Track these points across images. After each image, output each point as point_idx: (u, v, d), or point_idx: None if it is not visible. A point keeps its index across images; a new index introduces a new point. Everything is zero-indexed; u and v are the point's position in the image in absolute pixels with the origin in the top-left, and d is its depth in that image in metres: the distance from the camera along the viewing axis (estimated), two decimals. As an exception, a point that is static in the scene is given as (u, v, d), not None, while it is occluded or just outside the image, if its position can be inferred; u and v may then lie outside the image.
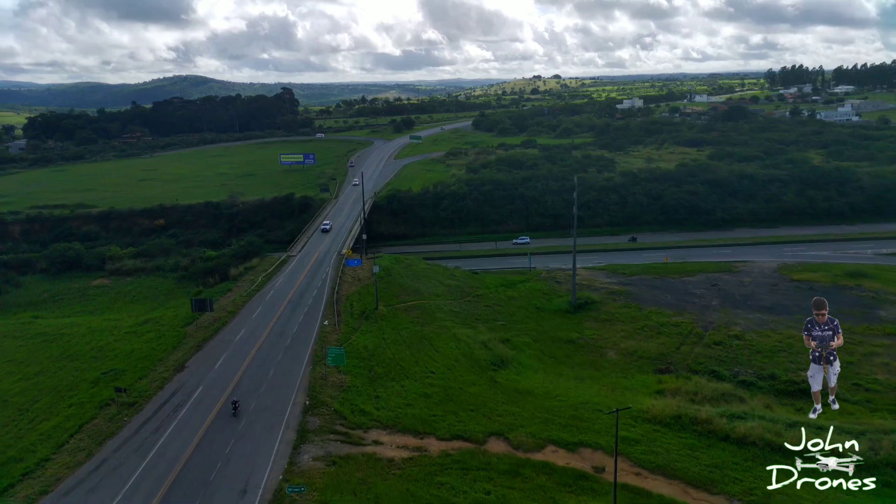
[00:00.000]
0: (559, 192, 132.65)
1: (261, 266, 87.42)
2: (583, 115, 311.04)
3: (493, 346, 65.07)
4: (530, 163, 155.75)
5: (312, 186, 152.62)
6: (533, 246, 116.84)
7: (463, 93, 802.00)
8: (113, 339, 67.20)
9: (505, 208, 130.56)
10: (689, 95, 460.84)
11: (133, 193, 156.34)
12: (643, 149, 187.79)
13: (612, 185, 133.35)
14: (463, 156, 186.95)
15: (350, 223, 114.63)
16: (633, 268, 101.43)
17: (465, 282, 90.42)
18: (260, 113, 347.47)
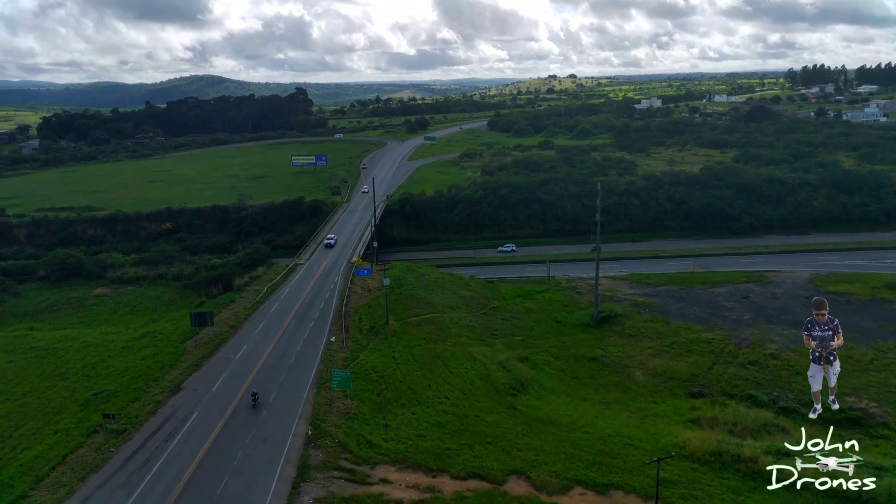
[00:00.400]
0: (578, 197, 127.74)
1: (267, 275, 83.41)
2: (600, 115, 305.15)
3: (512, 366, 60.48)
4: (548, 165, 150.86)
5: (324, 189, 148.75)
6: (552, 252, 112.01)
7: (478, 92, 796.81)
8: (107, 355, 63.39)
9: (522, 213, 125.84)
10: (708, 95, 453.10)
11: (142, 195, 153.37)
12: (664, 150, 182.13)
13: (634, 189, 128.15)
14: (478, 157, 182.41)
15: (361, 229, 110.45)
16: (657, 277, 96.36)
17: (481, 292, 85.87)
18: (273, 113, 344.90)
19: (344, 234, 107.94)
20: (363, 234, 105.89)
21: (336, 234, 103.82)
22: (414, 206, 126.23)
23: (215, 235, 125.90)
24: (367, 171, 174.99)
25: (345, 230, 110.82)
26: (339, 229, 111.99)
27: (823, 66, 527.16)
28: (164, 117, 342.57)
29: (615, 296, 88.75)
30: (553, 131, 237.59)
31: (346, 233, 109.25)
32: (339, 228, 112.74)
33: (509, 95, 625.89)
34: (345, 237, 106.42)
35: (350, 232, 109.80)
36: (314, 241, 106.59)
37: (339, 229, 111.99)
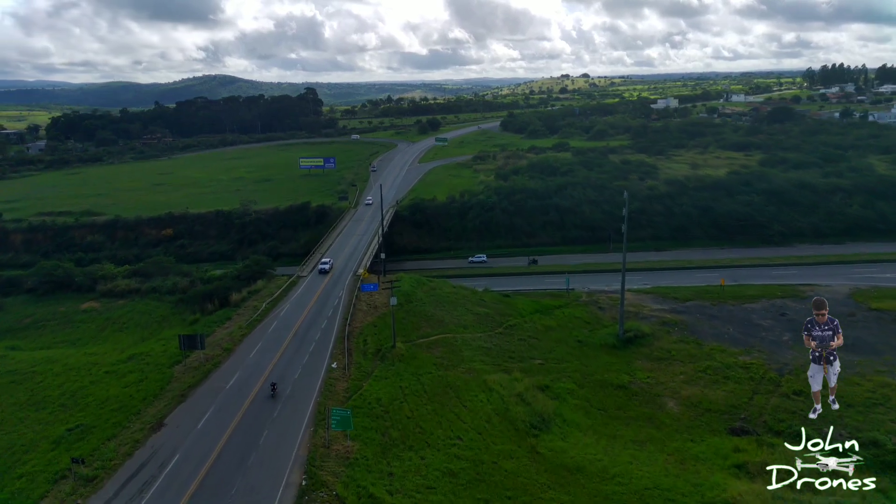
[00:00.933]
0: (597, 202, 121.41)
1: (267, 289, 77.79)
2: (616, 115, 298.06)
3: (532, 398, 54.41)
4: (564, 168, 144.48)
5: (331, 193, 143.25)
6: (570, 262, 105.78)
7: (490, 92, 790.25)
8: (89, 381, 57.96)
9: (538, 219, 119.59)
10: (725, 95, 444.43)
11: (144, 199, 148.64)
12: (685, 153, 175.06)
13: (657, 194, 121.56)
14: (491, 160, 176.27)
15: (368, 238, 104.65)
16: (684, 291, 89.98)
17: (496, 308, 79.81)
18: (282, 113, 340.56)
19: (350, 245, 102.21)
20: (370, 243, 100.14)
21: (335, 254, 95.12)
22: (425, 213, 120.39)
23: (217, 242, 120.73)
24: (377, 173, 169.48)
25: (350, 240, 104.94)
26: (345, 239, 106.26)
27: (843, 66, 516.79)
28: (172, 117, 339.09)
29: (640, 312, 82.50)
30: (568, 132, 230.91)
31: (351, 243, 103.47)
32: (346, 237, 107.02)
33: (522, 95, 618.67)
34: (350, 247, 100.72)
35: (356, 242, 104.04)
36: (319, 250, 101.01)
37: (345, 239, 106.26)
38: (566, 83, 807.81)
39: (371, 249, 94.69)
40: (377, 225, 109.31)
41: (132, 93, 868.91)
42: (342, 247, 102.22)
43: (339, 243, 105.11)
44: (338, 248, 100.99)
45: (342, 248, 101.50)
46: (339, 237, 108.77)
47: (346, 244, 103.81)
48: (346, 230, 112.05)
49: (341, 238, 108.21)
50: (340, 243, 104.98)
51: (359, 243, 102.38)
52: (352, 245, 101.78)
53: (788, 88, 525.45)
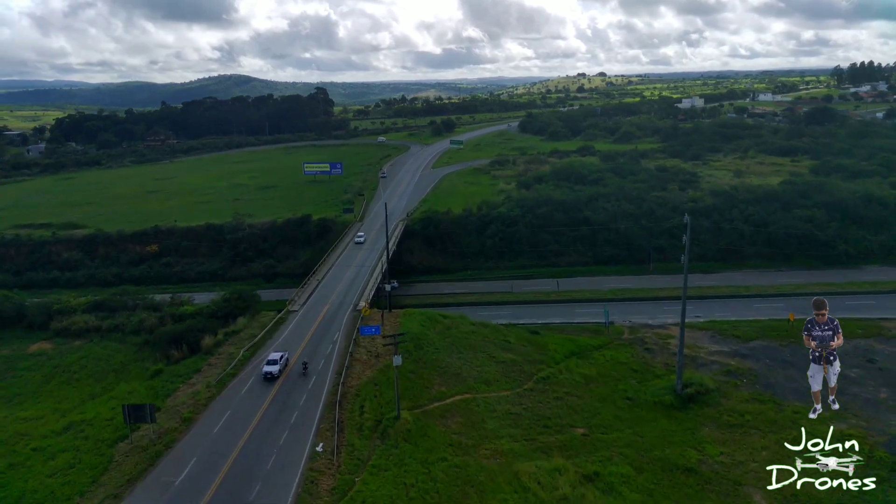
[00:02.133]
0: (634, 216, 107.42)
1: (248, 330, 64.76)
2: (641, 116, 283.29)
3: (579, 499, 40.87)
4: (593, 176, 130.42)
5: (336, 203, 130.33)
6: (606, 287, 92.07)
7: (505, 91, 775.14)
8: (8, 462, 45.21)
9: (566, 235, 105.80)
10: (751, 94, 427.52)
11: (134, 209, 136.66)
12: (724, 158, 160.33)
13: (703, 207, 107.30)
14: (511, 165, 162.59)
15: (373, 260, 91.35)
16: (746, 327, 75.95)
17: (524, 352, 66.34)
18: (292, 114, 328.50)
19: (352, 268, 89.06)
20: (375, 267, 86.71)
21: (334, 280, 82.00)
22: (438, 227, 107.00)
23: (207, 260, 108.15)
24: (387, 180, 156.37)
25: (352, 262, 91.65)
26: (348, 260, 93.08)
27: (871, 63, 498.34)
28: (179, 118, 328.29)
29: (697, 355, 68.68)
30: (592, 134, 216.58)
31: (353, 266, 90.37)
32: (348, 258, 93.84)
33: (538, 94, 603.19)
34: (352, 271, 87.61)
35: (360, 264, 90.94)
36: (316, 275, 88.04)
37: (348, 260, 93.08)
38: (583, 82, 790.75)
39: (375, 276, 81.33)
40: (383, 245, 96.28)
41: (148, 92, 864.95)
42: (342, 270, 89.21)
43: (341, 265, 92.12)
44: (338, 272, 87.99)
45: (342, 271, 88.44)
46: (341, 258, 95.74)
47: (347, 266, 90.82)
48: (348, 249, 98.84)
49: (343, 258, 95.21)
50: (342, 265, 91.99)
51: (362, 266, 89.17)
52: (354, 268, 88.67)
53: (815, 87, 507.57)
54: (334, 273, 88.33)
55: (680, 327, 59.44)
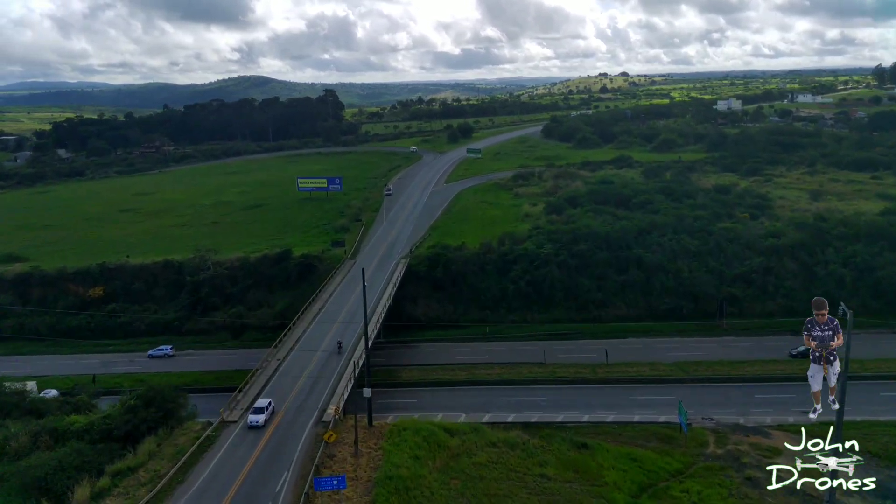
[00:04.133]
0: (699, 255, 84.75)
1: (153, 463, 42.88)
2: (677, 119, 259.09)
3: None
4: (639, 198, 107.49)
5: (328, 230, 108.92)
6: (669, 355, 69.59)
7: (525, 92, 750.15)
8: None
9: (612, 280, 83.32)
10: (789, 95, 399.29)
11: (98, 234, 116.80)
12: (788, 172, 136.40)
13: (787, 244, 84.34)
14: (536, 180, 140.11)
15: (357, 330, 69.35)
16: (883, 436, 52.92)
17: (570, 493, 43.96)
18: (300, 118, 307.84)
19: (334, 330, 67.30)
20: (357, 346, 64.41)
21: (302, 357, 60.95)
22: (449, 268, 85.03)
23: (162, 307, 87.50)
24: (392, 198, 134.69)
25: (334, 326, 69.53)
26: (324, 325, 70.86)
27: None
28: (181, 122, 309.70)
29: (826, 493, 45.79)
30: (626, 141, 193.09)
31: (338, 325, 68.72)
32: (325, 321, 71.47)
33: (560, 95, 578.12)
34: (335, 333, 65.85)
35: (345, 323, 69.16)
36: (291, 334, 66.48)
37: (324, 325, 70.86)
38: (605, 82, 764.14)
39: (359, 355, 59.06)
40: (378, 296, 74.46)
41: (168, 94, 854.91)
42: (322, 331, 67.62)
43: (323, 321, 70.60)
44: (314, 337, 66.29)
45: (320, 335, 66.73)
46: (324, 311, 74.12)
47: (331, 323, 69.24)
48: (330, 304, 76.80)
49: (327, 313, 73.56)
50: (324, 321, 70.45)
51: (349, 324, 67.26)
52: (336, 330, 66.81)
53: (854, 87, 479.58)
54: (310, 337, 66.63)
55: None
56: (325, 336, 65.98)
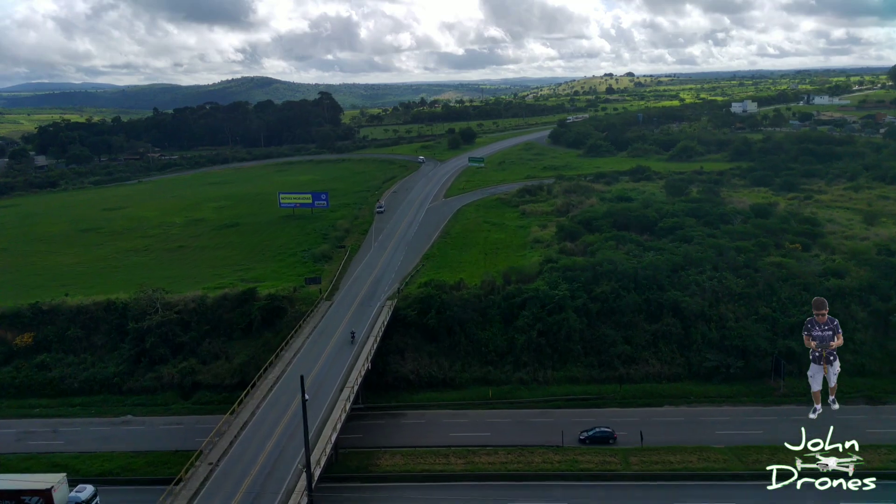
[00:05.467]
0: (746, 298, 70.07)
1: None
2: (692, 123, 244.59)
3: None
4: (667, 222, 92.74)
5: (306, 259, 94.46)
6: (718, 436, 54.98)
7: (530, 93, 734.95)
8: None
9: (641, 330, 68.66)
10: (805, 97, 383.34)
11: (41, 264, 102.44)
12: (827, 187, 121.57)
13: (852, 287, 69.55)
14: (545, 195, 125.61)
15: (336, 386, 54.82)
16: None
17: None
18: (294, 122, 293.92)
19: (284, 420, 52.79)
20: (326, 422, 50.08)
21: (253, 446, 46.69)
22: (443, 313, 70.28)
23: (101, 358, 73.02)
24: (384, 215, 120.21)
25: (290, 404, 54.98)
26: (285, 392, 56.42)
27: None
28: (170, 126, 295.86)
29: None
30: (641, 149, 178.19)
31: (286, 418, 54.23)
32: (286, 389, 57.01)
33: (566, 97, 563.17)
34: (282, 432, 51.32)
35: (315, 387, 54.65)
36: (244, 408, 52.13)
37: (285, 392, 56.42)
38: (611, 82, 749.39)
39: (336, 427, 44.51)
40: (351, 358, 60.13)
41: (171, 95, 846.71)
42: (282, 402, 53.13)
43: (284, 389, 56.20)
44: (264, 423, 51.74)
45: (281, 406, 52.22)
46: (287, 373, 59.72)
47: (293, 393, 54.82)
48: (295, 363, 62.23)
49: (290, 375, 59.14)
50: (284, 390, 56.04)
51: (317, 392, 52.77)
52: (284, 431, 52.16)
53: (869, 88, 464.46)
54: (258, 424, 52.12)
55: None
56: (277, 423, 51.30)
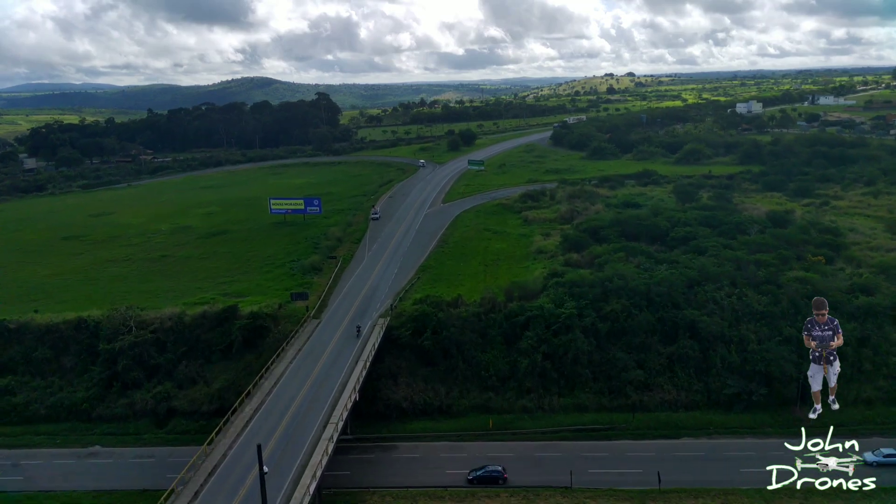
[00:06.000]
0: (768, 318, 64.50)
1: None
2: (696, 124, 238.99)
3: None
4: (679, 231, 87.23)
5: (295, 272, 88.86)
6: (741, 475, 49.42)
7: (530, 93, 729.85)
8: None
9: (655, 353, 63.15)
10: (810, 97, 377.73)
11: (17, 276, 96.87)
12: (844, 192, 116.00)
13: (884, 304, 64.02)
14: (548, 201, 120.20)
15: (314, 432, 49.18)
16: None
17: None
18: (291, 123, 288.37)
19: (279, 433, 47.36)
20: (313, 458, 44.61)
21: None
22: (440, 333, 64.81)
23: (70, 382, 67.57)
24: (379, 222, 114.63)
25: (280, 425, 49.62)
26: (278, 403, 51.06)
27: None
28: (164, 128, 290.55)
29: None
30: (646, 151, 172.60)
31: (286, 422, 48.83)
32: (266, 418, 51.57)
33: (567, 97, 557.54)
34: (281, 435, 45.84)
35: (299, 416, 49.22)
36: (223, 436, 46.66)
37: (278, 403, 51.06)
38: (611, 82, 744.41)
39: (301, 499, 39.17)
40: (337, 387, 54.59)
41: (171, 95, 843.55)
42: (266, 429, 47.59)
43: (267, 415, 50.75)
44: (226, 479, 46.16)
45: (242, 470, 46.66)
46: (272, 397, 54.30)
47: (277, 417, 49.27)
48: (276, 392, 56.66)
49: (274, 399, 53.72)
50: (268, 415, 50.59)
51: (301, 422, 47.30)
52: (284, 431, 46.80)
53: (874, 88, 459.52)
54: (233, 462, 46.60)
55: None
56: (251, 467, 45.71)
